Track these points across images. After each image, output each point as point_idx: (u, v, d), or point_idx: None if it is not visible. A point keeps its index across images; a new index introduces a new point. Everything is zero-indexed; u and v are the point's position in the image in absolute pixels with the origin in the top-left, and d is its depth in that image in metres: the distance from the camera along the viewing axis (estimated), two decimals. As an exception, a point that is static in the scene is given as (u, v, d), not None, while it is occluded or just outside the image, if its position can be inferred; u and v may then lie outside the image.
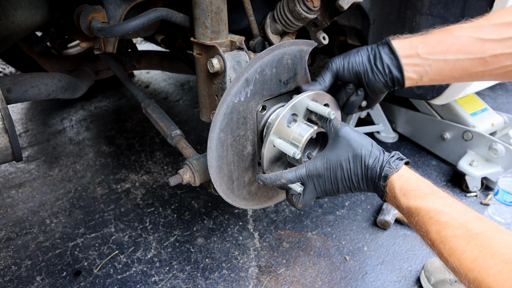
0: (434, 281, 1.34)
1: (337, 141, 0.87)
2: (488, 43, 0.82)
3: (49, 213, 1.82)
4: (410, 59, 0.89)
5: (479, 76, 0.87)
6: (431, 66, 0.88)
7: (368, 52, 0.93)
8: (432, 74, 0.89)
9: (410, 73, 0.90)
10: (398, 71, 0.90)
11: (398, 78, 0.90)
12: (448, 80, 0.91)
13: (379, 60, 0.91)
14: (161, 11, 1.04)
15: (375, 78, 0.92)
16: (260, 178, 0.93)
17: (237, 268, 1.50)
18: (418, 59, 0.88)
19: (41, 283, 1.46)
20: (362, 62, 0.93)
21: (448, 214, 0.69)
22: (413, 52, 0.88)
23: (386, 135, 2.25)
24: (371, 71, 0.92)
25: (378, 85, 0.93)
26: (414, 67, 0.89)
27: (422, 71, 0.89)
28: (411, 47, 0.89)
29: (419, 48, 0.88)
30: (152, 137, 2.43)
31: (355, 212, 1.76)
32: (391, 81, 0.92)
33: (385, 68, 0.90)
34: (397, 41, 0.91)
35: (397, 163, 0.80)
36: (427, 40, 0.88)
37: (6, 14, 1.14)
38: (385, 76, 0.91)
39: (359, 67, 0.93)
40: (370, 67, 0.92)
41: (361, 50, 0.95)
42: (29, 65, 2.58)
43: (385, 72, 0.91)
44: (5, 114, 0.94)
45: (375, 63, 0.91)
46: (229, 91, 0.88)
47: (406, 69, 0.89)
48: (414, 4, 1.27)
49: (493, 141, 1.77)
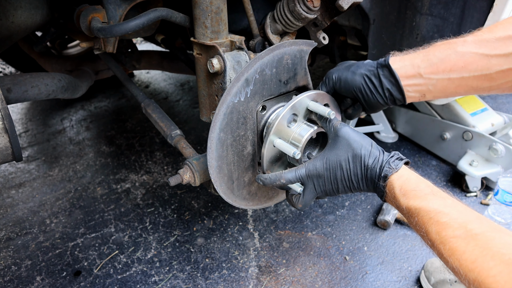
0: (434, 281, 1.34)
1: (336, 141, 0.87)
2: (493, 59, 0.79)
3: (49, 213, 1.82)
4: (412, 79, 0.87)
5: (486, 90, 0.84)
6: (435, 86, 0.86)
7: (368, 74, 0.91)
8: (436, 92, 0.87)
9: (412, 93, 0.88)
10: (399, 93, 0.89)
11: (399, 99, 0.90)
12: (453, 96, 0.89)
13: (379, 83, 0.90)
14: (161, 11, 1.04)
15: (374, 99, 0.92)
16: (260, 178, 0.93)
17: (237, 268, 1.50)
18: (421, 79, 0.86)
19: (41, 283, 1.46)
20: (361, 83, 0.92)
21: (448, 215, 0.68)
22: (415, 72, 0.86)
23: (386, 135, 2.25)
24: (370, 93, 0.91)
25: (378, 105, 0.93)
26: (416, 87, 0.87)
27: (425, 90, 0.88)
28: (413, 66, 0.87)
29: (421, 68, 0.85)
30: (152, 137, 2.43)
31: (355, 212, 1.76)
32: (391, 101, 0.92)
33: (385, 91, 0.90)
34: (397, 60, 0.89)
35: (397, 163, 0.80)
36: (429, 58, 0.85)
37: (6, 14, 1.14)
38: (384, 99, 0.91)
39: (356, 88, 0.92)
40: (369, 90, 0.91)
41: (359, 69, 0.93)
42: (29, 65, 2.58)
43: (385, 95, 0.90)
44: (5, 114, 0.94)
45: (374, 87, 0.90)
46: (229, 91, 0.88)
47: (407, 90, 0.88)
48: (414, 4, 1.27)
49: (493, 141, 1.77)
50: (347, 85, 0.93)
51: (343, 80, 0.94)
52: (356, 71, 0.93)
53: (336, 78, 0.95)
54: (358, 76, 0.92)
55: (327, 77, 0.97)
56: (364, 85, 0.91)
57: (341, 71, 0.95)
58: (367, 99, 0.93)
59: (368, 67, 0.92)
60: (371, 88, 0.91)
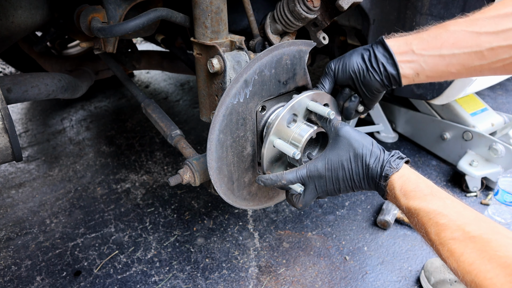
0: (434, 281, 1.34)
1: (337, 141, 0.87)
2: (483, 36, 0.80)
3: (49, 213, 1.82)
4: (404, 56, 0.88)
5: (478, 70, 0.85)
6: (426, 62, 0.87)
7: (363, 52, 0.93)
8: (428, 70, 0.88)
9: (405, 70, 0.89)
10: (393, 68, 0.89)
11: (394, 75, 0.90)
12: (446, 76, 0.89)
13: (374, 59, 0.90)
14: (161, 11, 1.04)
15: (371, 77, 0.92)
16: (260, 179, 0.93)
17: (237, 268, 1.50)
18: (413, 56, 0.87)
19: (41, 283, 1.46)
20: (357, 62, 0.93)
21: (446, 216, 0.69)
22: (407, 49, 0.88)
23: (386, 135, 2.25)
24: (366, 71, 0.92)
25: (374, 84, 0.93)
26: (409, 63, 0.88)
27: (417, 68, 0.88)
28: (406, 43, 0.88)
29: (414, 44, 0.87)
30: (152, 137, 2.43)
31: (355, 212, 1.76)
32: (386, 79, 0.91)
33: (380, 66, 0.90)
34: (392, 39, 0.91)
35: (398, 162, 0.80)
36: (422, 36, 0.87)
37: (6, 14, 1.14)
38: (380, 75, 0.91)
39: (354, 67, 0.93)
40: (365, 67, 0.92)
41: (356, 50, 0.95)
42: (29, 65, 2.58)
43: (380, 70, 0.90)
44: (5, 114, 0.94)
45: (370, 62, 0.91)
46: (228, 93, 0.88)
47: (401, 66, 0.88)
48: (414, 4, 1.27)
49: (493, 141, 1.77)
50: (346, 67, 0.94)
51: (342, 64, 0.95)
52: (352, 53, 0.95)
53: (335, 65, 0.96)
54: (355, 56, 0.93)
55: (328, 67, 0.98)
56: (361, 63, 0.92)
57: (339, 58, 0.97)
58: (364, 78, 0.93)
59: (364, 47, 0.94)
60: (367, 64, 0.91)
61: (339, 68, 0.95)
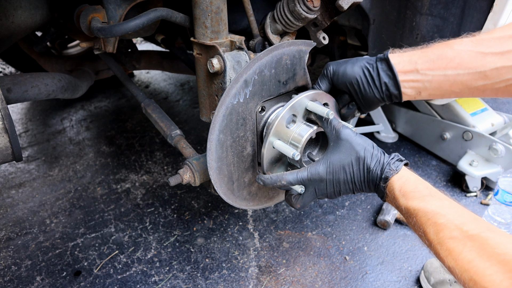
0: (433, 281, 1.34)
1: (339, 144, 0.87)
2: (488, 57, 0.80)
3: (49, 213, 1.82)
4: (409, 75, 0.87)
5: (480, 90, 0.85)
6: (430, 82, 0.86)
7: (366, 65, 0.91)
8: (432, 89, 0.87)
9: (408, 89, 0.88)
10: (396, 89, 0.89)
11: (395, 94, 0.90)
12: (448, 95, 0.89)
13: (377, 76, 0.90)
14: (161, 11, 1.04)
15: (371, 93, 0.92)
16: (260, 178, 0.93)
17: (237, 268, 1.50)
18: (418, 75, 0.87)
19: (41, 283, 1.46)
20: (359, 75, 0.92)
21: (445, 216, 0.69)
22: (412, 68, 0.87)
23: (386, 135, 2.25)
24: (367, 86, 0.91)
25: (374, 99, 0.93)
26: (412, 83, 0.88)
27: (421, 87, 0.88)
28: (410, 62, 0.87)
29: (419, 63, 0.86)
30: (152, 137, 2.43)
31: (355, 212, 1.76)
32: (387, 97, 0.91)
33: (382, 85, 0.90)
34: (396, 55, 0.89)
35: (397, 164, 0.81)
36: (427, 55, 0.86)
37: (6, 14, 1.14)
38: (381, 93, 0.91)
39: (354, 80, 0.92)
40: (367, 82, 0.91)
41: (358, 61, 0.93)
42: (29, 65, 2.58)
43: (381, 89, 0.90)
44: (5, 114, 0.94)
45: (372, 79, 0.90)
46: (227, 93, 0.88)
47: (404, 85, 0.88)
48: (414, 4, 1.27)
49: (493, 141, 1.77)
50: (345, 76, 0.93)
51: (342, 71, 0.94)
52: (355, 63, 0.93)
53: (334, 69, 0.95)
54: (357, 68, 0.92)
55: (326, 68, 0.97)
56: (362, 77, 0.91)
57: (340, 63, 0.96)
58: (364, 92, 0.92)
59: (368, 60, 0.93)
60: (368, 80, 0.91)
61: (338, 74, 0.95)
